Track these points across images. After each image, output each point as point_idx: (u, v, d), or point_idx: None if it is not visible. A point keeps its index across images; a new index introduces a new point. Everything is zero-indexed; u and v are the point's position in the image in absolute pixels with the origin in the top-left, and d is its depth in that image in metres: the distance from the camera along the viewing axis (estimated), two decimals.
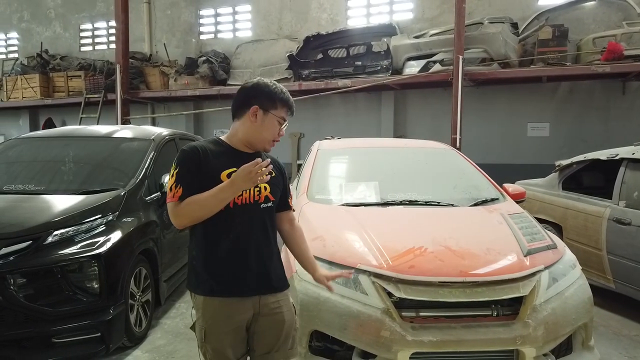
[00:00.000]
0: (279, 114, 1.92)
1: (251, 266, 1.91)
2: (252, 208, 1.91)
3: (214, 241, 1.88)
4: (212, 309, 1.89)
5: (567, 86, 8.54)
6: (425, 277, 2.53)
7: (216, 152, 1.89)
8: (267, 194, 1.95)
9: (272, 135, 1.93)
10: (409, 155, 4.34)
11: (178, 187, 1.82)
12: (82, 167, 4.32)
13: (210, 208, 1.79)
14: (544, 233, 3.10)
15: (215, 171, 1.84)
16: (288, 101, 1.94)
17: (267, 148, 1.97)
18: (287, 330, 1.99)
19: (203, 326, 1.90)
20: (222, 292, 1.88)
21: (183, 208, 1.80)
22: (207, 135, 10.58)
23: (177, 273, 4.61)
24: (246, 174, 1.74)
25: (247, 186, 1.79)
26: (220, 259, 1.88)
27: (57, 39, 12.96)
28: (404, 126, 9.58)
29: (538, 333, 2.48)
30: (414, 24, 9.52)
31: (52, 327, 3.03)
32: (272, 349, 1.97)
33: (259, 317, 1.94)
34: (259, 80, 1.97)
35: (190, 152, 1.86)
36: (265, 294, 1.95)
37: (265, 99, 1.90)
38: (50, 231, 3.13)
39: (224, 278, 1.88)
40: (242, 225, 1.89)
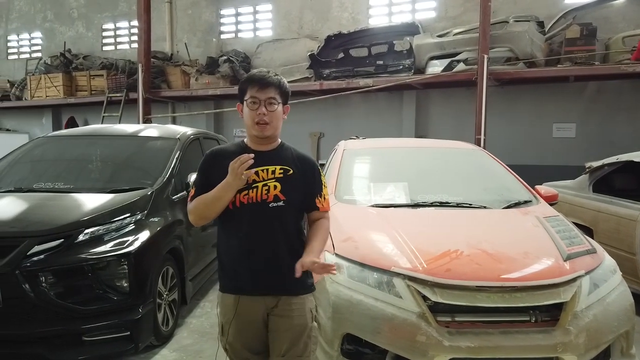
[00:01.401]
0: (247, 96, 1.92)
1: (260, 266, 1.91)
2: (260, 207, 1.89)
3: (227, 240, 1.96)
4: (226, 304, 1.96)
5: (594, 86, 8.34)
6: (462, 281, 2.47)
7: (234, 154, 1.92)
8: (277, 193, 1.91)
9: (251, 118, 1.92)
10: (437, 155, 4.27)
11: (192, 189, 2.00)
12: (110, 165, 4.35)
13: (212, 207, 1.88)
14: (582, 237, 3.01)
15: (224, 172, 1.87)
16: (250, 78, 1.94)
17: (256, 133, 1.94)
18: (296, 335, 1.92)
19: (221, 321, 2.00)
20: (232, 289, 1.96)
21: (192, 206, 1.94)
22: (227, 134, 10.62)
23: (201, 272, 4.61)
24: (231, 171, 1.81)
25: (237, 183, 1.83)
26: (232, 257, 1.95)
27: (80, 38, 13.12)
28: (426, 126, 9.47)
29: (580, 340, 2.41)
30: (437, 23, 9.41)
31: (83, 325, 3.04)
32: (280, 353, 1.93)
33: (272, 318, 1.94)
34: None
35: (208, 155, 2.03)
36: (276, 294, 1.93)
37: (240, 92, 1.97)
38: (81, 229, 3.14)
39: (234, 276, 1.94)
40: (250, 224, 1.90)
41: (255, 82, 1.90)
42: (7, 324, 2.98)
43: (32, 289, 2.94)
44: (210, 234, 4.87)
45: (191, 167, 4.52)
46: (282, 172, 1.94)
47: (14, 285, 2.93)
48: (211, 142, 5.73)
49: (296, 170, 1.97)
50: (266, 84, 1.89)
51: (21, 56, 14.02)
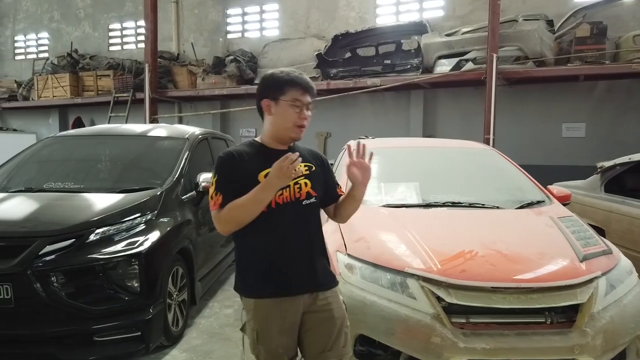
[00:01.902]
0: (289, 97, 1.86)
1: (298, 265, 1.89)
2: (294, 206, 1.88)
3: (259, 243, 1.87)
4: (263, 310, 1.87)
5: (604, 85, 8.27)
6: (477, 282, 2.44)
7: (251, 154, 1.88)
8: (309, 190, 1.92)
9: (292, 121, 1.87)
10: (448, 155, 4.23)
11: (218, 195, 1.82)
12: (119, 165, 4.35)
13: (252, 211, 1.78)
14: (597, 238, 2.97)
15: (252, 173, 1.83)
16: (294, 80, 1.87)
17: (294, 136, 1.91)
18: (338, 328, 1.95)
19: (255, 328, 1.89)
20: (271, 293, 1.87)
21: (225, 214, 1.79)
22: (234, 134, 10.61)
23: (210, 272, 4.60)
24: (278, 171, 1.72)
25: (282, 183, 1.77)
26: (267, 261, 1.87)
27: (87, 38, 13.15)
28: (434, 126, 9.43)
29: (597, 342, 2.37)
30: (445, 22, 9.36)
31: (94, 325, 3.03)
32: (325, 348, 1.93)
33: (309, 316, 1.91)
34: (265, 74, 1.96)
35: (226, 158, 1.87)
36: (313, 292, 1.92)
37: (272, 89, 1.88)
38: (92, 229, 3.14)
39: (272, 279, 1.87)
40: (285, 224, 1.86)
41: (299, 85, 1.86)
42: (19, 324, 2.98)
43: (43, 289, 2.93)
44: (218, 234, 4.85)
45: (200, 167, 4.52)
46: (307, 169, 1.94)
47: (25, 285, 2.92)
48: (219, 141, 5.72)
49: (316, 166, 1.99)
50: (309, 89, 1.89)
51: (28, 56, 14.08)
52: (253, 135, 10.98)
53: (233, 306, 4.50)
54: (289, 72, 1.90)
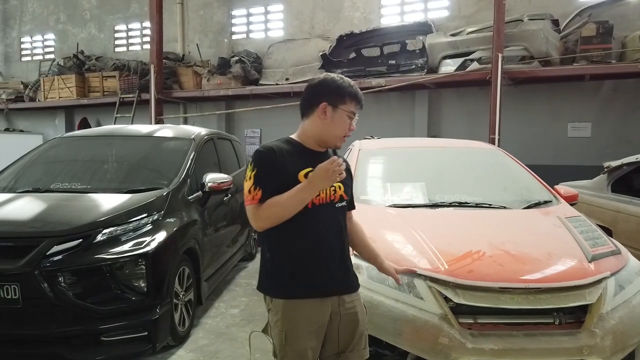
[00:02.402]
0: (348, 108, 1.87)
1: (330, 267, 1.89)
2: (328, 208, 1.88)
3: (292, 243, 1.85)
4: (293, 311, 1.85)
5: (610, 85, 8.23)
6: (485, 283, 2.43)
7: (290, 152, 1.86)
8: (342, 193, 1.93)
9: (343, 131, 1.89)
10: (454, 155, 4.22)
11: (257, 190, 1.79)
12: (125, 166, 4.36)
13: (291, 209, 1.77)
14: (605, 238, 2.96)
15: (292, 171, 1.82)
16: (357, 94, 1.89)
17: (339, 144, 1.93)
18: (360, 330, 1.97)
19: (283, 329, 1.86)
20: (302, 294, 1.86)
21: (264, 211, 1.78)
22: (239, 134, 10.63)
23: (216, 272, 4.61)
24: (324, 172, 1.73)
25: (325, 185, 1.78)
26: (300, 261, 1.86)
27: (93, 40, 13.21)
28: (438, 126, 9.41)
29: (606, 343, 2.36)
30: (450, 22, 9.34)
31: (101, 325, 3.04)
32: (347, 349, 1.94)
33: (335, 317, 1.91)
34: (325, 76, 1.93)
35: (267, 152, 1.83)
36: (342, 294, 1.93)
37: (334, 95, 1.86)
38: (99, 230, 3.15)
39: (304, 280, 1.86)
40: (319, 225, 1.86)
41: (357, 99, 1.89)
42: (27, 324, 2.99)
43: (50, 289, 2.95)
44: (224, 235, 4.87)
45: (206, 167, 4.54)
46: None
47: (33, 286, 2.93)
48: (224, 142, 5.74)
49: (345, 171, 1.97)
50: (362, 105, 1.93)
51: (34, 58, 14.15)
52: (258, 135, 10.99)
53: (239, 306, 4.51)
54: (350, 83, 1.90)
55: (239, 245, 5.47)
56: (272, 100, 10.04)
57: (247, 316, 4.26)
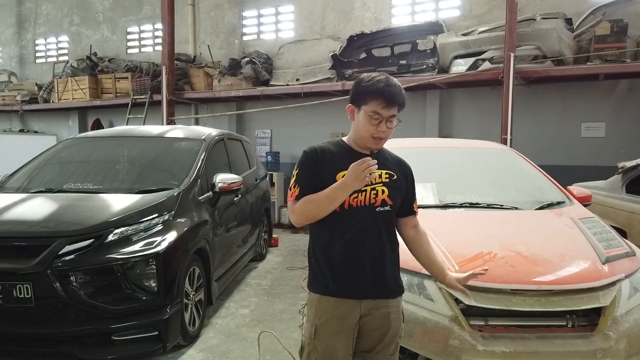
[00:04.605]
0: (369, 108, 1.82)
1: (365, 269, 1.89)
2: (368, 211, 1.87)
3: (329, 242, 1.90)
4: (325, 307, 1.89)
5: (625, 84, 8.10)
6: (496, 284, 2.40)
7: (336, 153, 1.91)
8: (385, 197, 1.90)
9: (369, 132, 1.84)
10: (465, 155, 4.19)
11: (296, 187, 1.88)
12: (137, 166, 4.39)
13: (324, 207, 1.81)
14: (620, 239, 2.91)
15: (332, 172, 1.85)
16: (379, 91, 1.79)
17: (370, 145, 1.88)
18: (391, 336, 1.96)
19: (314, 323, 1.91)
20: (336, 291, 1.89)
21: (299, 207, 1.85)
22: (250, 135, 10.65)
23: (226, 272, 4.62)
24: (353, 173, 1.73)
25: (357, 186, 1.77)
26: (336, 260, 1.89)
27: (105, 41, 13.33)
28: (450, 126, 9.34)
29: (620, 346, 2.32)
30: (461, 22, 9.26)
31: (112, 324, 3.06)
32: (373, 349, 1.95)
33: (366, 319, 1.91)
34: (359, 77, 1.92)
35: (310, 153, 1.91)
36: (377, 298, 1.92)
37: (356, 96, 1.88)
38: (111, 229, 3.17)
39: (339, 278, 1.89)
40: (356, 227, 1.87)
41: (382, 97, 1.79)
42: (39, 323, 3.03)
43: (63, 289, 2.98)
44: (234, 235, 4.89)
45: (216, 168, 4.55)
46: (388, 177, 1.93)
47: (45, 285, 2.97)
48: (235, 142, 5.76)
49: (399, 175, 1.98)
50: (393, 102, 1.81)
51: (48, 60, 14.31)
52: (268, 136, 11.01)
53: (249, 306, 4.52)
54: (379, 79, 1.82)
55: (249, 246, 5.48)
56: (283, 100, 10.06)
57: (258, 316, 4.26)
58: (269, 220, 6.59)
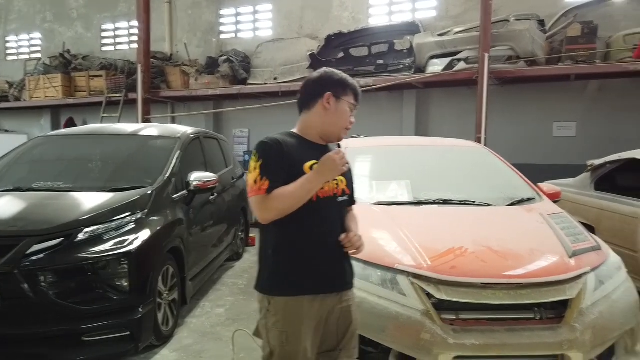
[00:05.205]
0: (349, 99, 1.90)
1: (335, 262, 1.89)
2: (332, 201, 1.88)
3: (297, 237, 1.83)
4: (297, 309, 1.81)
5: (595, 85, 8.32)
6: (467, 279, 2.44)
7: (294, 144, 1.86)
8: (344, 187, 1.94)
9: (346, 123, 1.91)
10: (439, 153, 4.24)
11: (264, 180, 1.75)
12: (110, 164, 4.32)
13: (299, 200, 1.75)
14: (586, 234, 2.99)
15: (298, 163, 1.81)
16: (356, 88, 1.94)
17: (342, 136, 1.94)
18: (353, 329, 1.97)
19: (284, 329, 1.81)
20: (308, 290, 1.83)
21: (272, 201, 1.74)
22: (227, 134, 10.58)
23: (201, 272, 4.58)
24: (331, 162, 1.74)
25: (333, 175, 1.80)
26: (305, 256, 1.83)
27: (79, 39, 13.09)
28: (427, 126, 9.45)
29: (586, 337, 2.38)
30: (438, 22, 9.38)
31: (82, 325, 3.01)
32: (338, 346, 1.94)
33: (332, 315, 1.90)
34: (326, 69, 1.96)
35: (273, 143, 1.81)
36: (341, 290, 1.92)
37: (337, 86, 1.89)
38: (81, 228, 3.12)
39: (310, 276, 1.84)
40: (325, 219, 1.86)
41: (357, 93, 1.94)
42: (8, 324, 2.95)
43: (31, 289, 2.91)
44: (210, 234, 4.85)
45: (192, 166, 4.51)
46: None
47: (13, 285, 2.90)
48: (212, 141, 5.71)
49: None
50: (359, 100, 1.96)
51: (20, 57, 13.99)
52: (246, 135, 10.96)
53: (225, 306, 4.49)
54: (348, 76, 1.95)
55: (225, 245, 5.45)
56: (261, 100, 10.02)
57: (233, 315, 4.24)
58: (245, 219, 6.55)
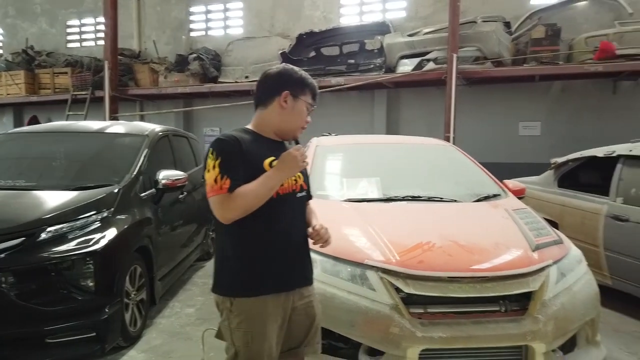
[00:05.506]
0: (307, 99, 1.89)
1: (296, 258, 1.88)
2: (291, 198, 1.87)
3: (259, 236, 1.79)
4: (262, 308, 1.78)
5: (559, 85, 8.59)
6: (434, 273, 2.48)
7: (250, 141, 1.81)
8: (302, 183, 1.93)
9: (302, 122, 1.90)
10: (408, 151, 4.30)
11: (224, 179, 1.69)
12: (75, 162, 4.22)
13: (262, 198, 1.71)
14: (549, 228, 3.08)
15: (257, 160, 1.77)
16: (315, 87, 1.93)
17: (297, 135, 1.92)
18: (316, 324, 1.97)
19: (249, 330, 1.77)
20: (272, 289, 1.80)
21: (235, 200, 1.68)
22: (198, 133, 10.46)
23: (171, 272, 4.51)
24: (292, 159, 1.72)
25: (294, 172, 1.78)
26: (268, 254, 1.80)
27: (44, 35, 12.71)
28: (397, 125, 9.56)
29: (548, 328, 2.45)
30: (407, 23, 9.51)
31: (46, 326, 2.92)
32: (302, 343, 1.93)
33: (294, 311, 1.89)
34: (285, 66, 1.93)
35: (230, 140, 1.75)
36: (303, 286, 1.92)
37: (295, 85, 1.86)
38: (44, 227, 3.02)
39: (273, 274, 1.81)
40: (285, 216, 1.83)
41: (314, 93, 1.93)
42: None
43: None
44: (180, 233, 4.78)
45: (161, 165, 4.43)
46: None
47: None
48: (181, 139, 5.63)
49: None
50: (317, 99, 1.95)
51: None
52: (217, 134, 10.85)
53: (195, 305, 4.44)
54: (307, 75, 1.93)
55: (195, 244, 5.38)
56: (232, 98, 9.94)
57: (204, 315, 4.19)
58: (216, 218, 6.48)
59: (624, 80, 8.21)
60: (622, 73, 7.71)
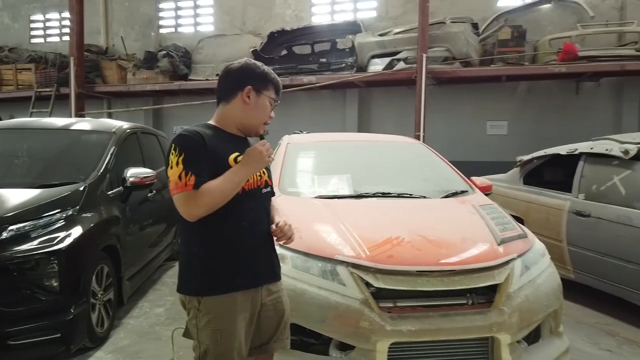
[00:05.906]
0: (270, 94, 1.87)
1: (262, 254, 1.88)
2: (257, 194, 1.86)
3: (225, 232, 1.77)
4: (231, 306, 1.77)
5: (525, 86, 8.83)
6: (403, 267, 2.51)
7: (215, 137, 1.78)
8: (266, 179, 1.92)
9: (265, 117, 1.89)
10: (379, 149, 4.34)
11: (189, 175, 1.65)
12: (39, 160, 4.11)
13: (228, 194, 1.69)
14: (514, 223, 3.15)
15: (221, 156, 1.74)
16: (278, 83, 1.92)
17: (260, 131, 1.90)
18: (285, 319, 1.97)
19: (217, 328, 1.75)
20: (241, 286, 1.78)
21: (202, 197, 1.64)
22: (167, 131, 10.28)
23: (139, 271, 4.44)
24: (258, 154, 1.71)
25: (259, 167, 1.77)
26: (236, 251, 1.79)
27: (6, 30, 12.29)
28: (368, 124, 9.64)
29: (513, 320, 2.51)
30: (378, 22, 9.60)
31: (9, 328, 2.84)
32: (272, 338, 1.93)
33: (262, 307, 1.89)
34: (247, 60, 1.91)
35: (193, 136, 1.71)
36: (270, 282, 1.92)
37: (258, 80, 1.85)
38: (5, 226, 2.93)
39: (241, 271, 1.79)
40: (251, 212, 1.82)
41: (277, 88, 1.91)
42: None
43: None
44: (149, 232, 4.70)
45: (128, 163, 4.35)
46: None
47: None
48: (150, 137, 5.54)
49: None
50: (280, 94, 1.94)
51: None
52: None
53: (165, 305, 4.37)
54: (270, 70, 1.92)
55: (165, 244, 5.31)
56: (203, 96, 9.83)
57: (173, 314, 4.14)
58: None
59: (586, 81, 8.50)
60: (584, 74, 7.98)
